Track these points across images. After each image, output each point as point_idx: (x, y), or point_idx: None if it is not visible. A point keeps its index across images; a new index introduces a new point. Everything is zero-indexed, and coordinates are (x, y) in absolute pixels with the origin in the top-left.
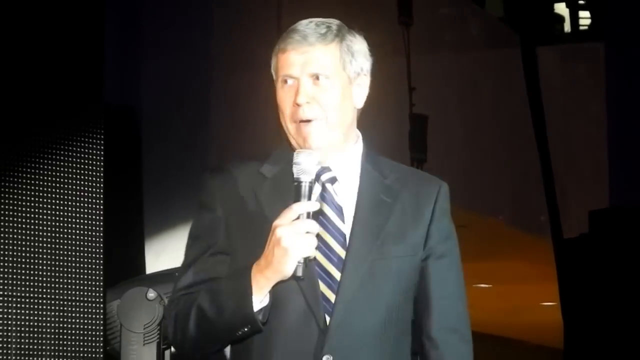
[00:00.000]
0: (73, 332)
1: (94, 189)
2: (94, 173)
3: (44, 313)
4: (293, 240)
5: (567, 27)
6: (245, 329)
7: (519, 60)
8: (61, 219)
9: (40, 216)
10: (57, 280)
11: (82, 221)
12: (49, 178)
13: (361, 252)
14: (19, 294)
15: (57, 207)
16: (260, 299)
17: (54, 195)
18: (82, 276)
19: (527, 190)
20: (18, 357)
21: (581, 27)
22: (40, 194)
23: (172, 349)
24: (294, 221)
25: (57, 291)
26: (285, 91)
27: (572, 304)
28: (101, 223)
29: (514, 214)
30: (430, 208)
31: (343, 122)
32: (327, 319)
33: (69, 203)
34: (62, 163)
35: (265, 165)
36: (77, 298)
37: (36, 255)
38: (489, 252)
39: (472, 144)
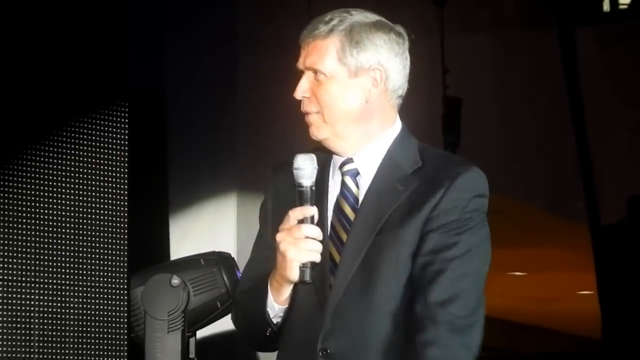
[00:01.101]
0: (97, 318)
1: (118, 175)
2: (119, 158)
3: (68, 300)
4: (290, 246)
5: (606, 7)
6: (274, 323)
7: (555, 40)
8: (85, 205)
9: (64, 203)
10: (81, 267)
11: (106, 207)
12: (74, 164)
13: (358, 240)
14: (42, 281)
15: (81, 194)
16: (280, 302)
17: (78, 182)
18: (106, 263)
19: (564, 175)
20: (42, 344)
21: (620, 7)
22: (65, 181)
23: (197, 336)
24: (293, 227)
25: (81, 278)
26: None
27: (610, 292)
28: (125, 209)
29: (550, 199)
30: (437, 198)
31: (342, 117)
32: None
33: (93, 189)
34: (86, 149)
35: (317, 159)
36: (101, 285)
37: (60, 242)
38: (524, 239)
39: (507, 128)
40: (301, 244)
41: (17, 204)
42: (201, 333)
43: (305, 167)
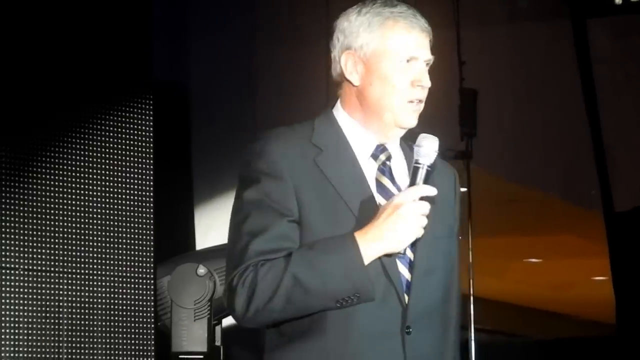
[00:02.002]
0: (124, 308)
1: (144, 167)
2: (144, 151)
3: (96, 289)
4: (417, 219)
5: None
6: (351, 299)
7: (569, 32)
8: (112, 197)
9: (92, 195)
10: (108, 257)
11: (132, 198)
12: (100, 157)
13: (426, 231)
14: (70, 271)
15: (108, 186)
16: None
17: (105, 174)
18: (133, 253)
19: (578, 164)
20: (70, 333)
21: None
22: (92, 173)
23: (223, 324)
24: (419, 203)
25: (108, 268)
26: (405, 69)
27: (624, 278)
28: (151, 201)
29: (565, 187)
30: (453, 192)
31: None
32: (404, 295)
33: (120, 181)
34: (112, 142)
35: (315, 136)
36: (128, 275)
37: (87, 234)
38: (540, 227)
39: (522, 118)
40: (422, 220)
41: (45, 197)
42: (227, 321)
43: (428, 147)
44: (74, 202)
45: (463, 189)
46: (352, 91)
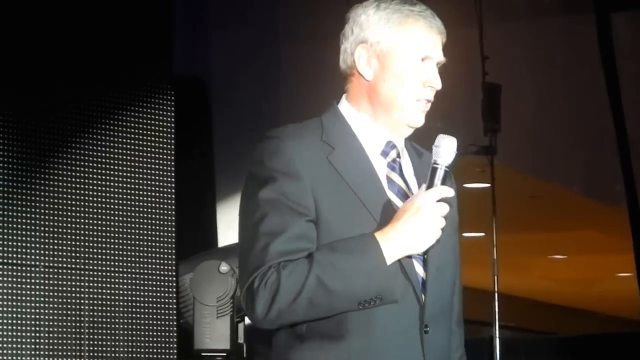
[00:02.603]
0: (146, 305)
1: (165, 164)
2: (166, 147)
3: (117, 287)
4: (438, 222)
5: None
6: (374, 301)
7: (592, 26)
8: (133, 193)
9: (113, 191)
10: (130, 254)
11: (154, 195)
12: (122, 153)
13: None
14: (91, 268)
15: (130, 183)
16: None
17: (126, 171)
18: (154, 250)
19: (602, 159)
20: (91, 330)
21: None
22: (113, 170)
23: (246, 321)
24: (441, 204)
25: (130, 265)
26: (419, 68)
27: None
28: (173, 197)
29: (589, 183)
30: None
31: None
32: (421, 294)
33: (141, 178)
34: (133, 139)
35: (325, 133)
36: (150, 272)
37: (109, 229)
38: (564, 223)
39: (545, 113)
40: (442, 222)
41: (66, 194)
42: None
43: (452, 148)
44: (95, 200)
45: (487, 185)
46: (362, 85)
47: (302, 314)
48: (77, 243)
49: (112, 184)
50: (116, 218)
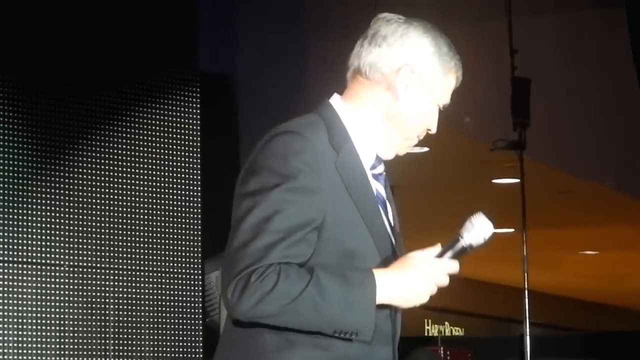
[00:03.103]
0: (172, 304)
1: (191, 161)
2: (192, 144)
3: (142, 285)
4: (433, 288)
5: None
6: (349, 334)
7: (623, 17)
8: (159, 191)
9: (138, 190)
10: (155, 252)
11: (179, 193)
12: (147, 151)
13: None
14: (116, 267)
15: (155, 181)
16: None
17: (152, 169)
18: (180, 248)
19: (634, 153)
20: (116, 329)
21: None
22: (139, 168)
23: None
24: (450, 262)
25: (156, 264)
26: (431, 111)
27: None
28: (199, 195)
29: (620, 178)
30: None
31: None
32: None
33: (167, 175)
34: (159, 136)
35: (330, 136)
36: (176, 270)
37: (134, 228)
38: (595, 218)
39: (576, 108)
40: (435, 290)
41: (91, 193)
42: None
43: (486, 236)
44: (120, 198)
45: (516, 180)
46: (379, 95)
47: (282, 321)
48: (102, 242)
49: (137, 183)
50: (141, 217)
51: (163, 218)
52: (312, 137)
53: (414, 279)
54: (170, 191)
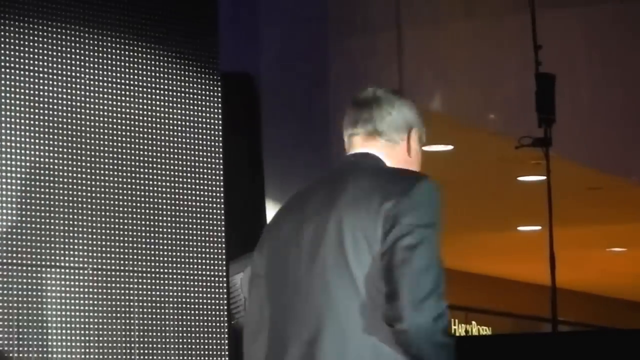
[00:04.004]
0: (197, 306)
1: (214, 162)
2: (214, 145)
3: (167, 288)
4: None
5: None
6: None
7: None
8: (182, 193)
9: (162, 192)
10: (180, 255)
11: (203, 195)
12: (169, 152)
13: None
14: (141, 270)
15: (179, 183)
16: None
17: (174, 170)
18: (205, 250)
19: None
20: (141, 333)
21: None
22: (162, 170)
23: None
24: None
25: (180, 266)
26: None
27: None
28: (222, 196)
29: None
30: None
31: None
32: None
33: (190, 177)
34: (181, 138)
35: None
36: (201, 272)
37: (158, 231)
38: (623, 215)
39: (602, 103)
40: None
41: (115, 195)
42: None
43: None
44: (143, 200)
45: (542, 177)
46: (398, 151)
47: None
48: (126, 245)
49: (160, 185)
50: (165, 219)
51: (187, 220)
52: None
53: None
54: (193, 193)
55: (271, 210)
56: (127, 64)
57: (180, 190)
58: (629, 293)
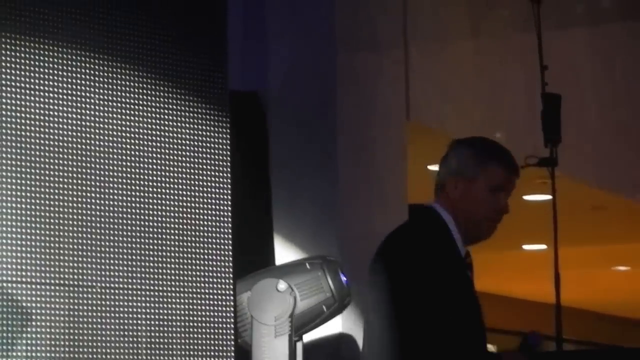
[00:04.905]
0: (203, 325)
1: (220, 179)
2: (221, 163)
3: (174, 306)
4: None
5: None
6: None
7: None
8: (188, 211)
9: (167, 209)
10: (185, 272)
11: (209, 213)
12: (175, 170)
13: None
14: (147, 288)
15: (184, 200)
16: None
17: (180, 187)
18: (211, 269)
19: None
20: (149, 351)
21: None
22: (167, 187)
23: (304, 341)
24: None
25: (186, 284)
26: None
27: None
28: (229, 215)
29: None
30: None
31: None
32: None
33: (197, 194)
34: (186, 154)
35: None
36: (207, 290)
37: (164, 248)
38: (628, 234)
39: (607, 123)
40: None
41: (123, 212)
42: (308, 337)
43: None
44: (151, 219)
45: (548, 197)
46: None
47: None
48: (134, 263)
49: (166, 202)
50: (171, 237)
51: (194, 238)
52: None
53: None
54: (201, 211)
55: (278, 229)
56: (134, 83)
57: (187, 208)
58: (634, 311)
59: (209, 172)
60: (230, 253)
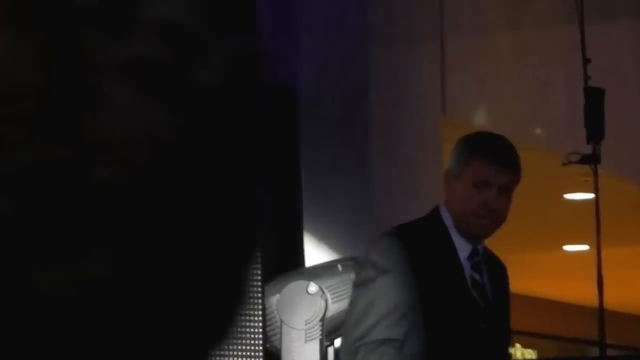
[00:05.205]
0: (232, 328)
1: (250, 179)
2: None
3: None
4: None
5: None
6: None
7: None
8: (218, 214)
9: (198, 208)
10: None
11: (239, 214)
12: (207, 169)
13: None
14: None
15: (214, 199)
16: None
17: (211, 186)
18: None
19: None
20: None
21: None
22: (197, 190)
23: (336, 345)
24: None
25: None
26: None
27: None
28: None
29: None
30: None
31: None
32: None
33: (224, 195)
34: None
35: None
36: None
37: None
38: None
39: None
40: None
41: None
42: (339, 342)
43: None
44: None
45: (590, 195)
46: None
47: None
48: None
49: (196, 201)
50: (200, 237)
51: (222, 240)
52: None
53: None
54: (229, 211)
55: (308, 230)
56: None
57: (216, 209)
58: None
59: (237, 170)
60: (259, 255)
